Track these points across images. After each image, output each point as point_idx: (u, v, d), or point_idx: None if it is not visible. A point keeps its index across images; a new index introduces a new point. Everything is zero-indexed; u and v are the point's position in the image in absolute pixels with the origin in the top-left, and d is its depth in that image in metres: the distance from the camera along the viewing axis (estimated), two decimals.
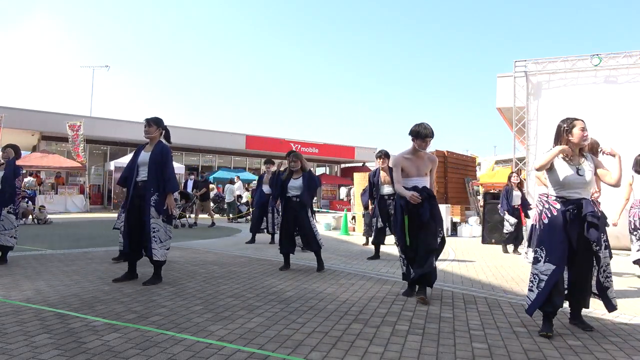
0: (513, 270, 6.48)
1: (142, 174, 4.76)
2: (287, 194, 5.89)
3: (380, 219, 7.17)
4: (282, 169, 6.07)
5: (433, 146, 4.95)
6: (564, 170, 3.51)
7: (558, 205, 3.51)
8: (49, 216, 13.31)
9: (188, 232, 11.09)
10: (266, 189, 8.94)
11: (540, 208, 3.68)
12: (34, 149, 22.50)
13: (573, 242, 3.44)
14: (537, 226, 3.71)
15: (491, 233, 10.44)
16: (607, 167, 3.67)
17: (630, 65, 9.92)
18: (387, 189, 7.13)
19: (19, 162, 6.13)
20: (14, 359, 2.59)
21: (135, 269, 4.89)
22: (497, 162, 32.41)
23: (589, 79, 10.30)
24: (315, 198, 6.87)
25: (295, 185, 5.86)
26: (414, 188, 4.39)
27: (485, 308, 4.14)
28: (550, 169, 3.59)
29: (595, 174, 3.63)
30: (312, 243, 5.81)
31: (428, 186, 4.50)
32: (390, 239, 7.75)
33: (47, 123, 20.12)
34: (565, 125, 3.57)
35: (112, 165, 20.18)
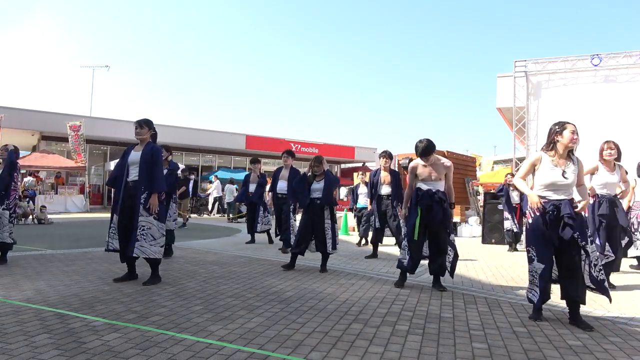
0: (513, 270, 6.49)
1: (133, 174, 4.78)
2: (311, 196, 5.96)
3: (378, 219, 7.19)
4: (308, 173, 6.16)
5: None
6: (549, 172, 3.72)
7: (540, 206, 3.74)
8: (49, 216, 13.31)
9: (188, 232, 11.09)
10: (252, 187, 8.80)
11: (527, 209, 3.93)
12: (34, 149, 22.47)
13: (556, 241, 3.66)
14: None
15: (491, 233, 10.45)
16: (583, 177, 3.98)
17: (630, 65, 9.93)
18: (385, 189, 7.15)
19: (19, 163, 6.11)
20: (14, 359, 2.59)
21: (135, 269, 4.89)
22: (495, 162, 32.39)
23: (588, 79, 10.31)
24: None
25: (318, 187, 5.94)
26: (427, 191, 4.85)
27: (485, 308, 4.14)
28: (535, 171, 3.84)
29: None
30: (323, 245, 5.86)
31: (441, 189, 4.90)
32: (387, 239, 7.77)
33: (47, 123, 20.11)
34: (557, 127, 3.78)
35: (112, 165, 20.16)
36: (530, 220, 3.79)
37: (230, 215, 16.57)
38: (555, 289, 3.88)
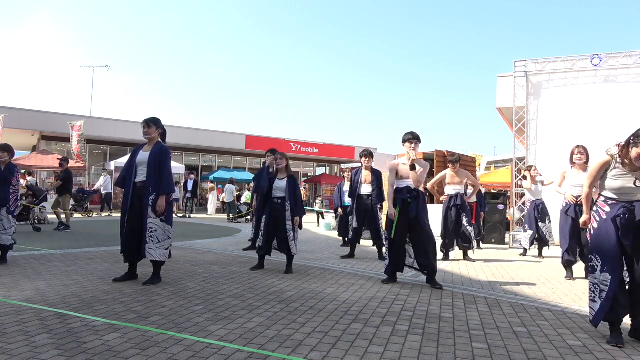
0: (513, 270, 6.49)
1: (141, 175, 4.74)
2: (272, 195, 5.76)
3: (356, 219, 7.07)
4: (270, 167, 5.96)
5: (433, 146, 5.22)
6: (621, 180, 3.28)
7: (607, 209, 3.32)
8: (49, 217, 13.28)
9: (188, 232, 11.09)
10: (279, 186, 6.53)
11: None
12: (34, 149, 22.46)
13: (628, 248, 3.21)
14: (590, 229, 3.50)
15: (491, 233, 10.44)
16: None
17: (630, 65, 9.92)
18: (365, 189, 7.08)
19: (18, 163, 6.10)
20: (14, 359, 2.59)
21: (135, 269, 4.88)
22: (489, 163, 32.30)
23: (589, 79, 10.31)
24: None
25: (280, 186, 5.74)
26: (407, 187, 5.15)
27: (485, 308, 4.14)
28: (604, 177, 3.40)
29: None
30: (285, 248, 5.70)
31: (420, 188, 5.18)
32: (367, 242, 7.72)
33: (47, 123, 20.10)
34: (631, 138, 3.21)
35: (112, 165, 20.16)
36: (595, 225, 3.35)
37: (230, 215, 16.56)
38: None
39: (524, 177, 8.74)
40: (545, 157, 10.22)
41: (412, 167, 5.08)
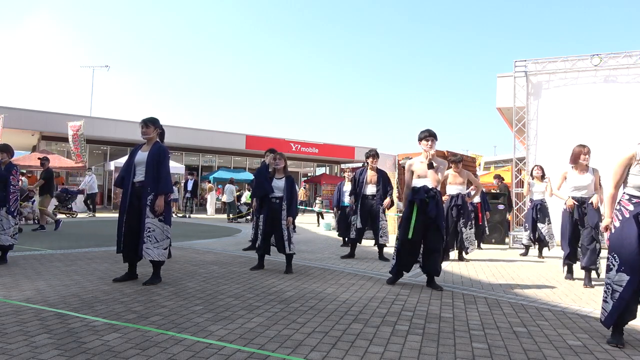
0: (513, 270, 6.49)
1: (140, 175, 4.75)
2: (270, 194, 5.77)
3: (360, 219, 7.06)
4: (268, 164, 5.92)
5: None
6: None
7: (631, 207, 3.21)
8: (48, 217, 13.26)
9: (188, 232, 11.09)
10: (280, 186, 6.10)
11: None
12: (34, 149, 22.45)
13: None
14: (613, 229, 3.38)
15: (491, 233, 10.44)
16: None
17: (630, 65, 9.92)
18: (370, 189, 7.07)
19: (18, 163, 6.10)
20: (14, 359, 2.58)
21: (135, 269, 4.88)
22: (488, 163, 32.24)
23: (589, 79, 10.31)
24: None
25: (277, 185, 5.76)
26: (423, 187, 4.99)
27: (485, 308, 4.14)
28: (628, 175, 3.32)
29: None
30: (282, 247, 5.69)
31: (437, 187, 5.03)
32: (367, 242, 7.69)
33: (47, 123, 20.10)
34: None
35: (112, 165, 20.16)
36: (617, 223, 3.25)
37: (230, 215, 16.56)
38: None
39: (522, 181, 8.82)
40: (545, 157, 10.22)
41: (430, 166, 4.95)
